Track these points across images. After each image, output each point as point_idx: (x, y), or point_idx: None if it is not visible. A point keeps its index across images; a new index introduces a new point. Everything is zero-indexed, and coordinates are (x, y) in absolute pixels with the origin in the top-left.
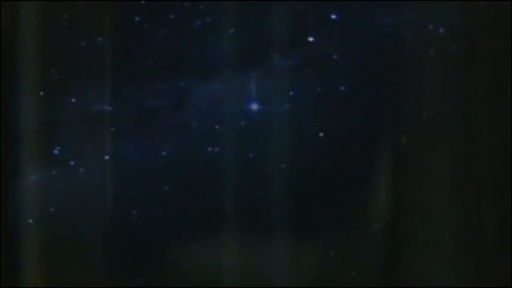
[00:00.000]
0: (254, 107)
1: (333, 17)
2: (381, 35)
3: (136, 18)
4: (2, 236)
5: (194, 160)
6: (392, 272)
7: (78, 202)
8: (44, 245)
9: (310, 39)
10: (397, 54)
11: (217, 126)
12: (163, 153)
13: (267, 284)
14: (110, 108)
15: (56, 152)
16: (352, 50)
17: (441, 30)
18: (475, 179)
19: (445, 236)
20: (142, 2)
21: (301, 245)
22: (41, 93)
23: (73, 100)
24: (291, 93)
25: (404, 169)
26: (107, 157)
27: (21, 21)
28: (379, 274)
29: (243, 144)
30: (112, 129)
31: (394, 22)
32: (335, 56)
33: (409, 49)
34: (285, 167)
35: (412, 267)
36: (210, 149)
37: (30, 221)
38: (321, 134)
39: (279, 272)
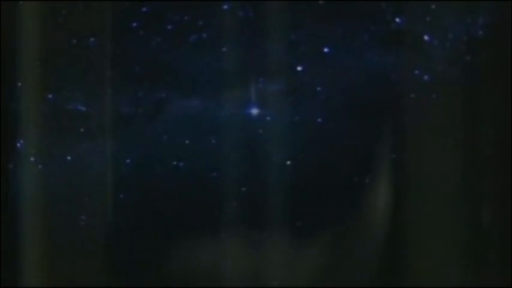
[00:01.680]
0: (228, 127)
1: (326, 50)
2: (367, 74)
3: (134, 24)
4: None
5: (156, 172)
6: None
7: (29, 199)
8: None
9: (299, 68)
10: (378, 94)
11: (187, 141)
12: (127, 161)
13: None
14: (84, 108)
15: (18, 145)
16: (337, 84)
17: (425, 77)
18: (473, 183)
19: (444, 236)
20: (144, 9)
21: (252, 269)
22: (19, 84)
23: (49, 96)
24: (268, 118)
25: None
26: (69, 157)
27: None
28: None
29: (208, 162)
30: (81, 130)
31: (383, 63)
32: (318, 88)
33: (391, 91)
34: (245, 190)
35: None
36: (174, 163)
37: None
38: (288, 163)
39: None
